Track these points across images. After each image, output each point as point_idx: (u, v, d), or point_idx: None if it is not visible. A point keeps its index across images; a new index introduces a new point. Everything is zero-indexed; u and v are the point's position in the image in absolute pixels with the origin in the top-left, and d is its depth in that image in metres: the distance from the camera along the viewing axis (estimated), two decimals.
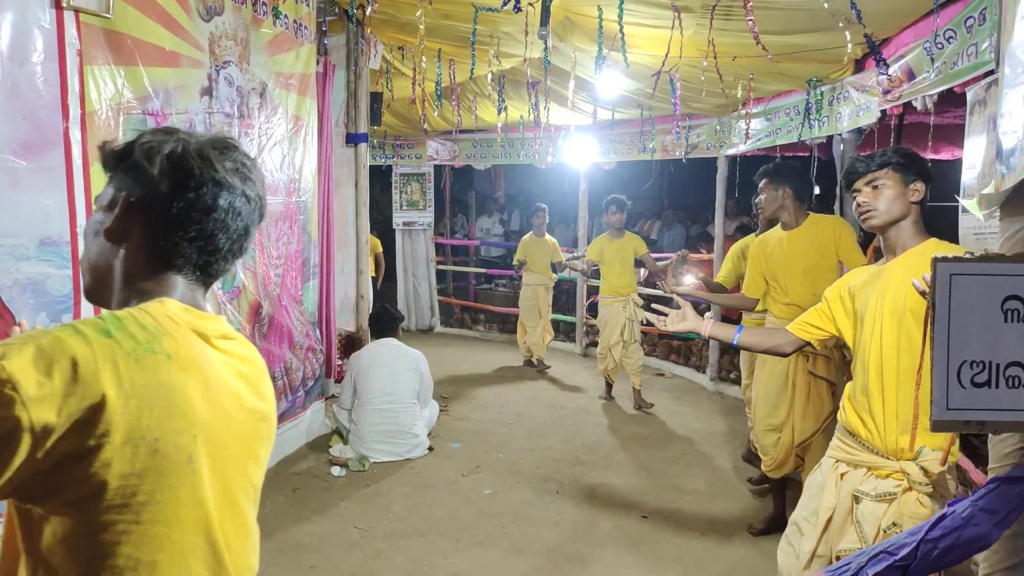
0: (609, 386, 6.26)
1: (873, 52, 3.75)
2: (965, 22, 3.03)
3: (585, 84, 5.87)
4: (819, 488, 2.18)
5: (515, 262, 7.29)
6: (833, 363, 3.47)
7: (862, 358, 2.08)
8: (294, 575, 3.22)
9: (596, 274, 6.49)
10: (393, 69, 6.22)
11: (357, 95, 5.57)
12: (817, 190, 6.66)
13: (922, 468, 1.91)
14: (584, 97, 6.40)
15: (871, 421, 2.06)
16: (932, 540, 1.02)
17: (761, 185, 3.76)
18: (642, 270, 6.60)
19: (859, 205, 2.07)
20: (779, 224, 3.71)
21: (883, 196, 2.04)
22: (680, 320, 2.36)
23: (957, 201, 3.02)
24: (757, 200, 3.81)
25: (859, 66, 4.56)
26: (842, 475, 2.12)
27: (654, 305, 2.46)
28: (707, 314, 2.40)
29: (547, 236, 7.36)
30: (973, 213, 2.78)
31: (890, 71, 3.84)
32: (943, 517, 1.04)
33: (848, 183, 2.12)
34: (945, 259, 1.04)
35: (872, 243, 3.05)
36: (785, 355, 2.31)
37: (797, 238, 3.58)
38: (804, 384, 3.46)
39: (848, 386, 2.19)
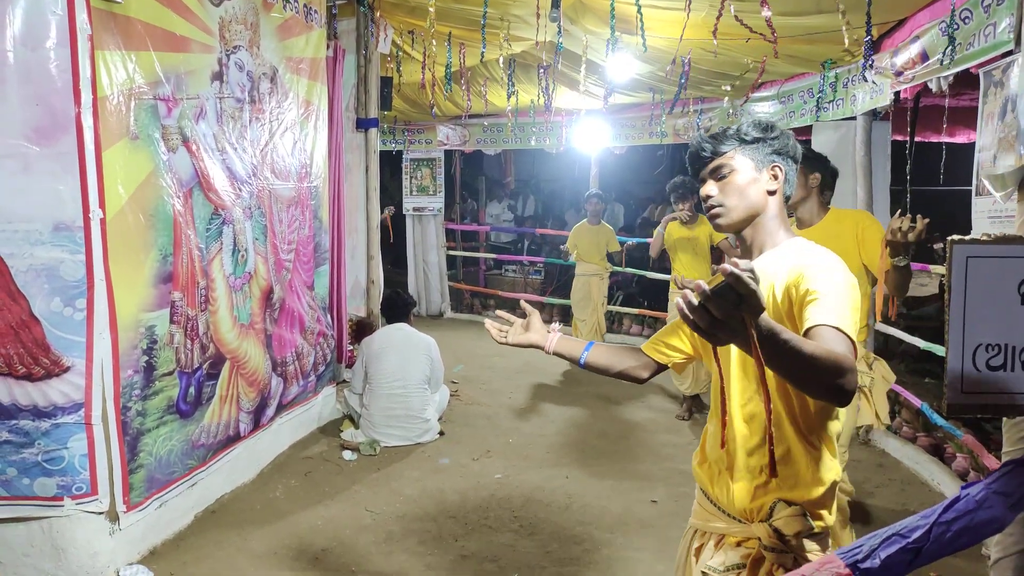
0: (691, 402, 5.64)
1: (866, 57, 3.70)
2: (983, 2, 2.98)
3: (596, 67, 5.82)
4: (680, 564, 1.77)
5: (564, 248, 6.69)
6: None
7: (714, 388, 1.67)
8: (307, 557, 3.26)
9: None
10: (403, 53, 6.19)
11: (367, 80, 5.56)
12: None
13: (775, 529, 1.47)
14: (595, 81, 6.36)
15: (719, 470, 1.63)
16: (945, 523, 1.01)
17: None
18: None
19: (705, 200, 1.62)
20: (793, 220, 3.06)
21: (731, 187, 1.57)
22: (522, 332, 1.93)
23: (970, 185, 2.99)
24: None
25: (875, 47, 4.49)
26: (697, 550, 1.69)
27: (499, 312, 2.03)
28: (554, 325, 1.95)
29: (603, 223, 6.73)
30: (988, 195, 2.75)
31: (905, 52, 3.79)
32: (957, 500, 1.04)
33: (694, 172, 1.66)
34: (961, 241, 1.03)
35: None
36: (640, 381, 1.88)
37: (816, 237, 2.81)
38: None
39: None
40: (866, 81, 4.24)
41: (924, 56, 3.62)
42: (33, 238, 2.77)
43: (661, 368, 1.87)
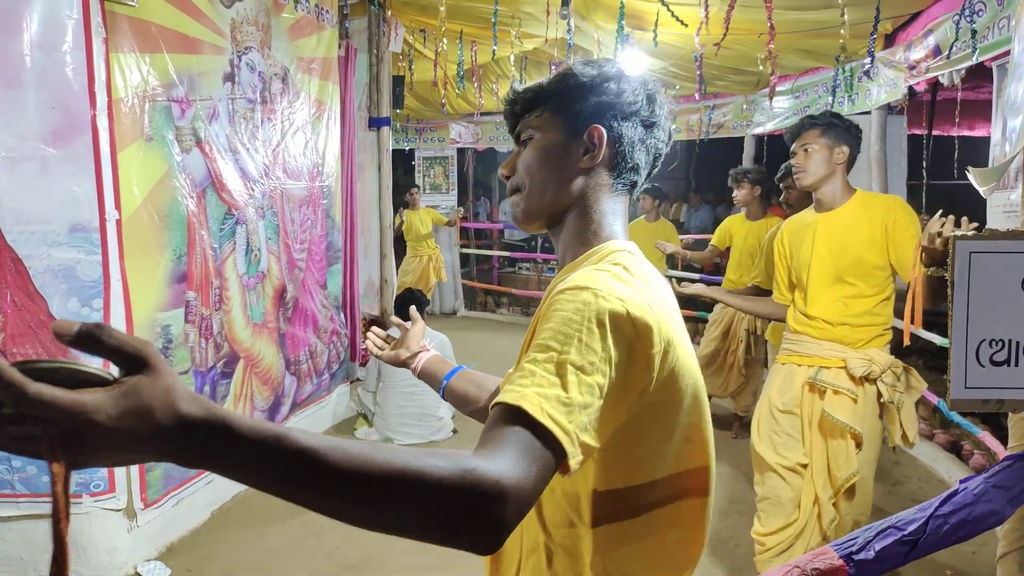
0: None
1: (871, 54, 3.65)
2: None
3: None
4: None
5: None
6: (861, 405, 2.50)
7: None
8: (322, 554, 3.28)
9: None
10: (415, 52, 6.22)
11: (379, 78, 5.58)
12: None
13: None
14: None
15: None
16: (942, 516, 1.01)
17: (805, 138, 2.51)
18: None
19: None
20: (811, 204, 2.66)
21: (524, 160, 1.04)
22: (396, 347, 1.59)
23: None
24: (795, 163, 2.55)
25: (889, 41, 4.46)
26: None
27: (393, 318, 1.73)
28: (427, 341, 1.59)
29: (663, 220, 6.02)
30: (1003, 189, 2.72)
31: (918, 46, 3.76)
32: (954, 493, 1.03)
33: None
34: (964, 236, 1.02)
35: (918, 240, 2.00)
36: None
37: (836, 223, 2.51)
38: (820, 429, 2.55)
39: None
40: (870, 78, 4.21)
41: (937, 50, 3.59)
42: (50, 239, 2.81)
43: None
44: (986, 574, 3.09)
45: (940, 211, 1.87)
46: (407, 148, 9.39)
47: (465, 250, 9.76)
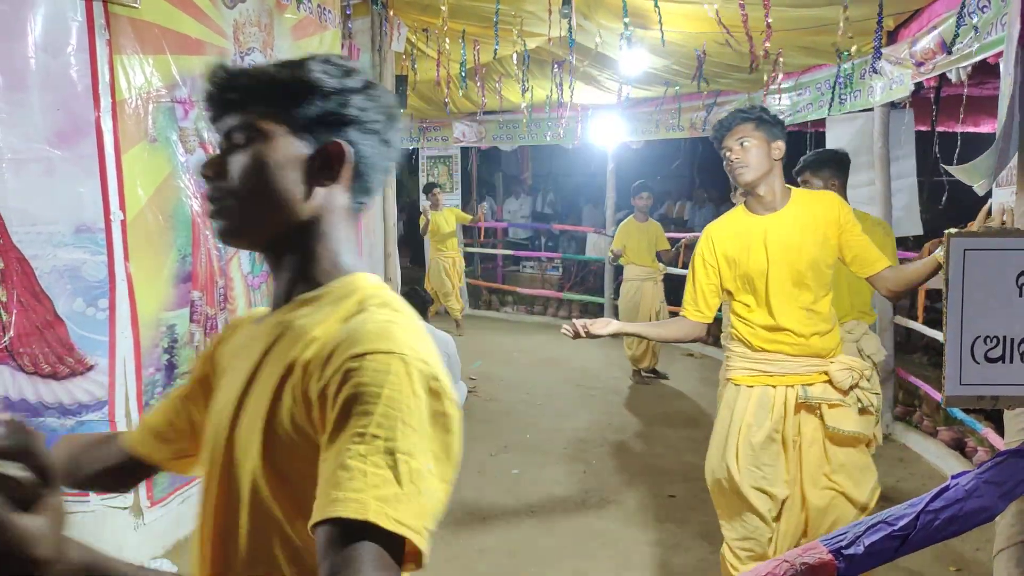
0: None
1: (876, 50, 3.64)
2: None
3: (610, 62, 5.81)
4: None
5: (610, 252, 6.21)
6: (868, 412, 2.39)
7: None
8: None
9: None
10: (418, 51, 6.23)
11: (382, 78, 5.58)
12: None
13: None
14: (609, 75, 6.35)
15: None
16: (933, 511, 1.01)
17: (740, 131, 2.33)
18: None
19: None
20: (742, 204, 2.50)
21: (236, 165, 0.89)
22: None
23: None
24: (733, 158, 2.34)
25: (892, 37, 4.45)
26: None
27: None
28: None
29: (651, 220, 6.16)
30: (1008, 185, 2.71)
31: (922, 42, 3.75)
32: (945, 488, 1.03)
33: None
34: (959, 233, 1.02)
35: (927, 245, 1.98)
36: (119, 487, 1.15)
37: (786, 224, 2.35)
38: (816, 442, 2.38)
39: None
40: (876, 72, 4.20)
41: (943, 46, 3.58)
42: (56, 240, 2.83)
43: (149, 469, 1.03)
44: (991, 572, 3.09)
45: (987, 206, 1.72)
46: (411, 147, 9.40)
47: (469, 249, 9.77)
